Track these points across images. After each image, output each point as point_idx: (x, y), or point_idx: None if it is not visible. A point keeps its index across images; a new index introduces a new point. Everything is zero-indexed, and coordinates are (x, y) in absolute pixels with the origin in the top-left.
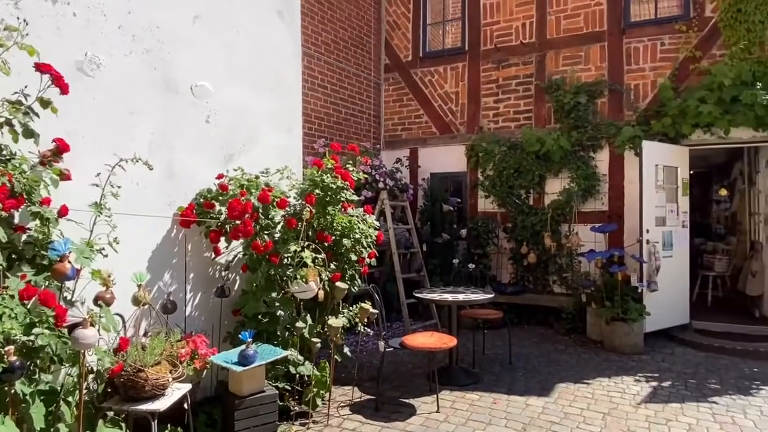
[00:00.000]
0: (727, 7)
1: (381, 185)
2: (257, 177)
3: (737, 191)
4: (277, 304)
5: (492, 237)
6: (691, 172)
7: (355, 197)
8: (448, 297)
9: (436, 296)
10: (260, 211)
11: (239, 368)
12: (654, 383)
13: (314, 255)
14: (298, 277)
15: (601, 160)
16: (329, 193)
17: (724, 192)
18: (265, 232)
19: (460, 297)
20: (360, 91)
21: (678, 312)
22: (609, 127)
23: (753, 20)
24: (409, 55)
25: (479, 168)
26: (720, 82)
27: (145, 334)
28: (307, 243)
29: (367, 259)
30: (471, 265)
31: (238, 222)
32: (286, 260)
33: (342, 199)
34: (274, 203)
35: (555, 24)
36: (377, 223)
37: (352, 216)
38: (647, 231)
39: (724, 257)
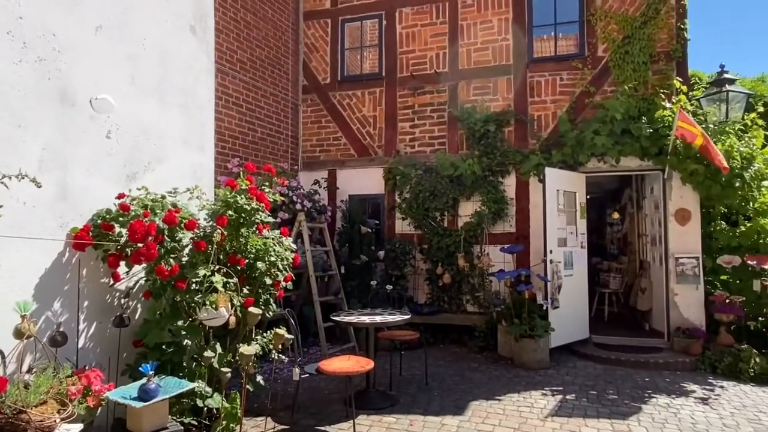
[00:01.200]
0: (616, 49)
1: (298, 207)
2: (163, 197)
3: (627, 214)
4: (184, 332)
5: (409, 258)
6: (588, 196)
7: (271, 219)
8: (366, 319)
9: (353, 319)
10: (166, 233)
11: (139, 404)
12: (559, 396)
13: (225, 279)
14: (208, 303)
15: (509, 185)
16: (243, 214)
17: (616, 215)
18: (171, 255)
19: (378, 319)
20: (277, 111)
21: (579, 328)
22: (516, 154)
23: (638, 61)
24: (327, 77)
25: (396, 191)
26: (612, 116)
27: (29, 371)
28: (218, 267)
29: (283, 283)
30: (389, 287)
31: (140, 245)
32: (194, 285)
33: (257, 220)
34: (182, 225)
35: (466, 56)
36: (294, 246)
37: (268, 238)
38: (551, 251)
39: (617, 275)
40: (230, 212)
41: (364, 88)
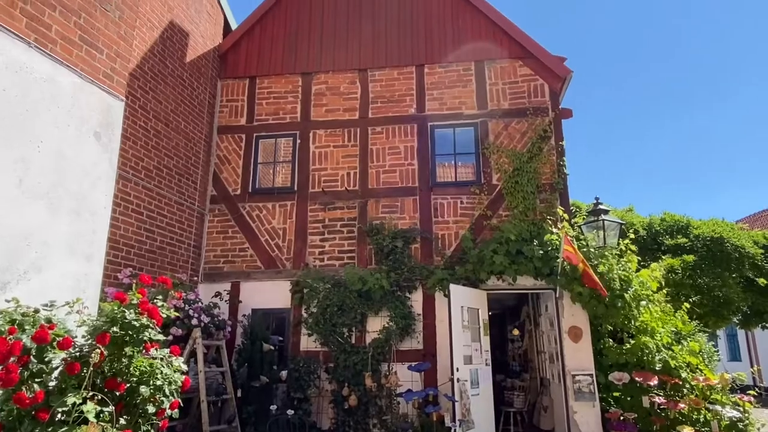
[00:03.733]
0: (508, 179)
1: (195, 322)
2: (37, 311)
3: (527, 331)
4: None
5: (314, 378)
6: (490, 313)
7: (161, 336)
8: None
9: None
10: (33, 353)
11: None
12: None
13: (99, 408)
14: None
15: (416, 300)
16: (130, 331)
17: (516, 332)
18: (37, 379)
19: None
20: (181, 219)
21: None
22: (422, 270)
23: (527, 190)
24: (238, 189)
25: (303, 305)
26: (507, 237)
27: None
28: (92, 393)
29: (169, 411)
30: (290, 412)
31: None
32: (60, 416)
33: (145, 339)
34: (54, 343)
35: (375, 176)
36: (185, 367)
37: (155, 358)
38: (457, 369)
39: (521, 393)
40: (115, 329)
41: (275, 201)
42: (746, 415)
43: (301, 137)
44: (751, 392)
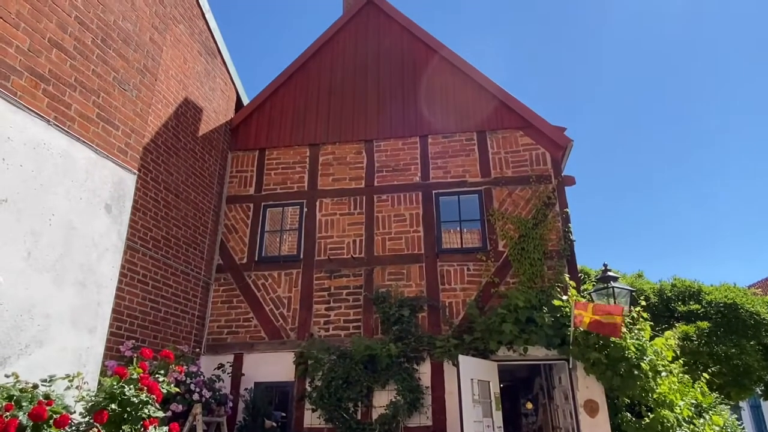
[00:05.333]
0: (514, 246)
1: (196, 396)
2: (35, 386)
3: (540, 405)
4: None
5: None
6: (501, 385)
7: (161, 413)
8: None
9: None
10: (29, 431)
11: None
12: None
13: None
14: None
15: (424, 373)
16: (128, 408)
17: (530, 405)
18: None
19: None
20: (186, 289)
21: None
22: (430, 340)
23: (533, 257)
24: (244, 257)
25: (307, 377)
26: (515, 304)
27: None
28: None
29: None
30: None
31: None
32: None
33: (143, 416)
34: (51, 421)
35: (381, 244)
36: None
37: None
38: None
39: None
40: (113, 405)
41: (281, 269)
42: None
43: (308, 206)
44: None
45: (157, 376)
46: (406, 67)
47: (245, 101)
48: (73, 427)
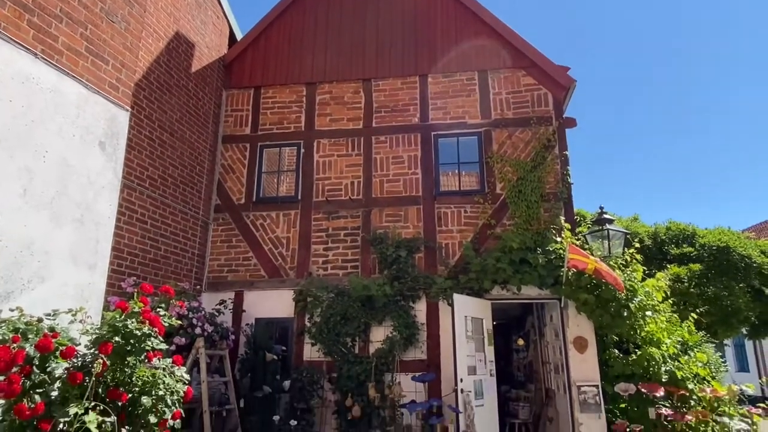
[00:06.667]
0: (512, 188)
1: (198, 331)
2: (40, 320)
3: (531, 341)
4: None
5: (317, 388)
6: (495, 323)
7: (164, 345)
8: None
9: None
10: (36, 362)
11: None
12: None
13: (102, 418)
14: None
15: (420, 310)
16: (132, 340)
17: (521, 342)
18: (38, 390)
19: None
20: (185, 228)
21: None
22: (426, 280)
23: (530, 200)
24: (242, 198)
25: (307, 314)
26: (510, 246)
27: None
28: (94, 403)
29: (170, 421)
30: (293, 422)
31: (1, 377)
32: (62, 426)
33: (147, 348)
34: (57, 352)
35: (379, 186)
36: (187, 377)
37: (158, 368)
38: (461, 380)
39: (526, 404)
40: (117, 338)
41: (279, 210)
42: (754, 427)
43: (305, 146)
44: (761, 405)
45: (158, 310)
46: (406, 1)
47: (238, 36)
48: (79, 359)
